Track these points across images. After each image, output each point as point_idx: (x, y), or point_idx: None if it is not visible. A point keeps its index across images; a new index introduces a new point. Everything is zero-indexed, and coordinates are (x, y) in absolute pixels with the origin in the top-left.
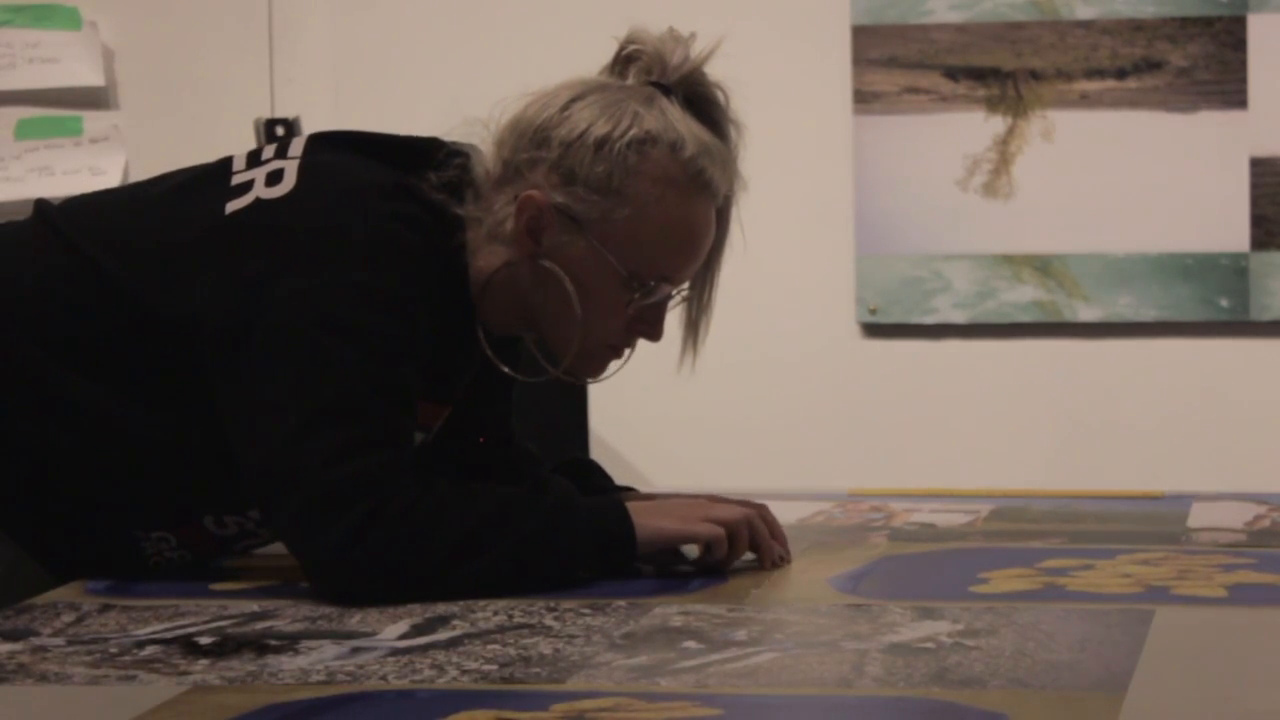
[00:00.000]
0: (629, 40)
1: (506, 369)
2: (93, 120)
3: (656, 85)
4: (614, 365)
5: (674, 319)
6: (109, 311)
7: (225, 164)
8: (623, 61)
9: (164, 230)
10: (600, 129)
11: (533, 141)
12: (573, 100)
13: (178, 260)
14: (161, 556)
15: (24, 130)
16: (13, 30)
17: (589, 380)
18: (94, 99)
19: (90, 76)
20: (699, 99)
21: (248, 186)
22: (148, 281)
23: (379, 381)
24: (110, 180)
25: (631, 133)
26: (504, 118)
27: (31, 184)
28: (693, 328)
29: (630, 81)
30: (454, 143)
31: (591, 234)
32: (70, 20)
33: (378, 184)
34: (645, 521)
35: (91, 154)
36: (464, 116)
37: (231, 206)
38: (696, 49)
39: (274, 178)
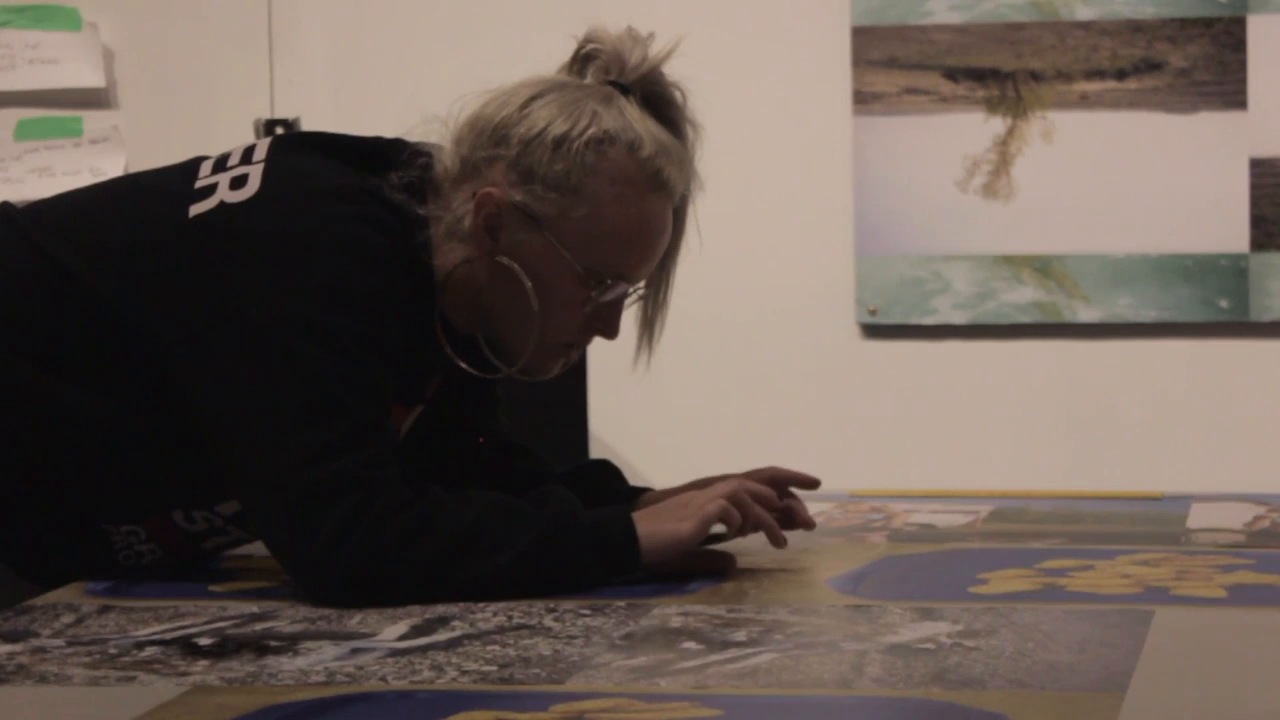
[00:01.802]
0: (588, 39)
1: (463, 364)
2: (93, 121)
3: (615, 84)
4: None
5: (634, 317)
6: (73, 311)
7: (192, 166)
8: (581, 60)
9: (127, 230)
10: (559, 127)
11: (491, 139)
12: (532, 98)
13: (141, 261)
14: (131, 550)
15: (24, 131)
16: (13, 31)
17: (543, 378)
18: (94, 100)
19: (90, 77)
20: (657, 98)
21: (212, 190)
22: (111, 281)
23: (352, 380)
24: None
25: (590, 132)
26: (463, 115)
27: (32, 185)
28: (648, 325)
29: (589, 80)
30: (418, 143)
31: (549, 232)
32: (70, 21)
33: (341, 187)
34: (653, 529)
35: (92, 155)
36: (423, 114)
37: (195, 210)
38: (655, 49)
39: (238, 182)
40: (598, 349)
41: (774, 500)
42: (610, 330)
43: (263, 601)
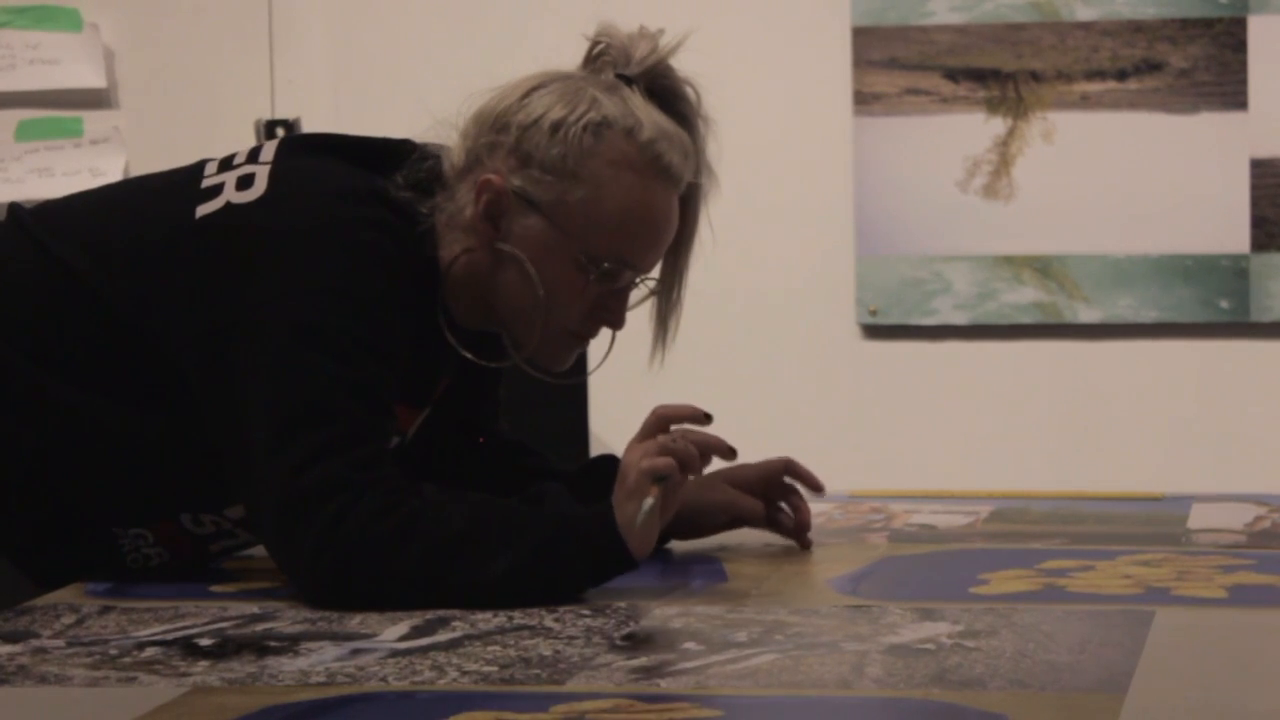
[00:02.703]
0: (598, 37)
1: (468, 354)
2: (93, 121)
3: (621, 77)
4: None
5: (645, 316)
6: (80, 312)
7: (198, 167)
8: (594, 60)
9: (134, 232)
10: (557, 113)
11: (492, 128)
12: (534, 89)
13: (148, 262)
14: (139, 554)
15: (25, 131)
16: (13, 31)
17: (554, 369)
18: (95, 100)
19: (91, 78)
20: (664, 91)
21: (218, 190)
22: (118, 283)
23: (349, 384)
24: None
25: (588, 116)
26: (469, 111)
27: (32, 185)
28: (662, 324)
29: (596, 75)
30: (428, 144)
31: (548, 216)
32: (71, 22)
33: (348, 188)
34: (623, 522)
35: (92, 155)
36: (435, 118)
37: (202, 210)
38: (663, 43)
39: (244, 182)
40: (599, 349)
41: (696, 416)
42: (615, 320)
43: (263, 602)
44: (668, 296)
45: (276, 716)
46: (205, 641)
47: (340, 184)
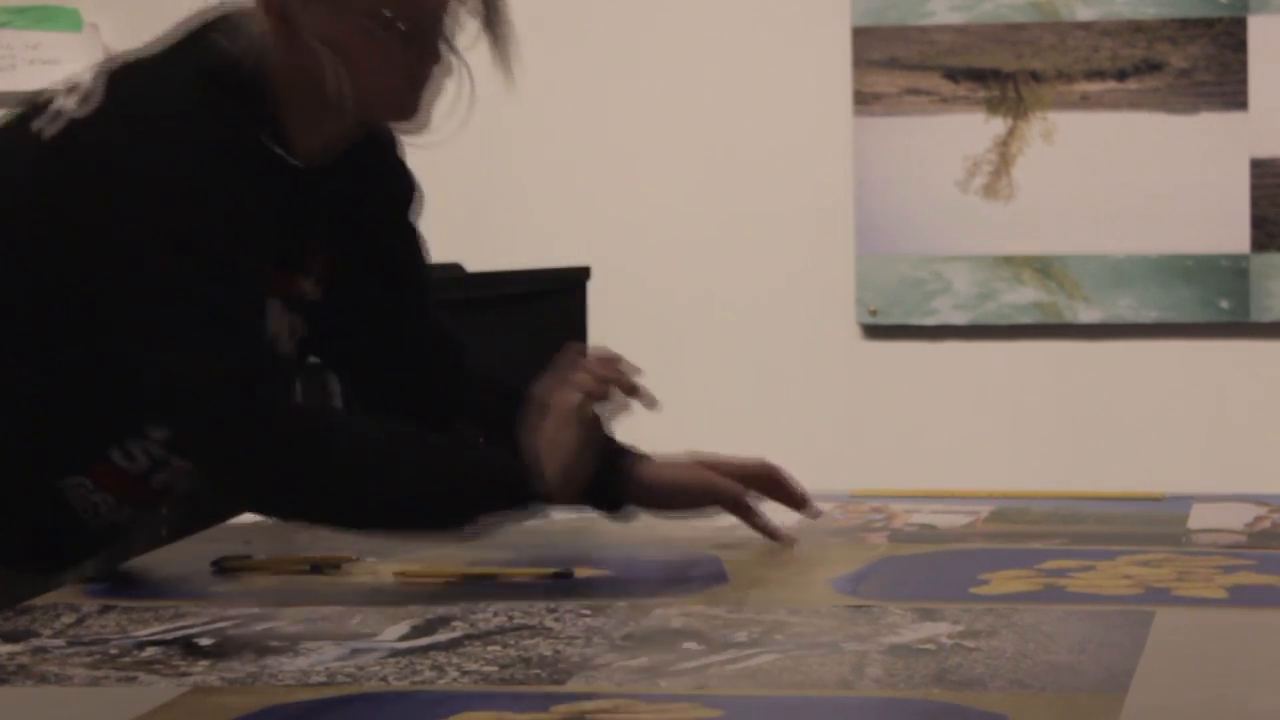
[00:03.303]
0: None
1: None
2: None
3: None
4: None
5: None
6: None
7: (37, 92)
8: None
9: None
10: None
11: None
12: None
13: (11, 198)
14: (88, 503)
15: None
16: (13, 32)
17: (410, 119)
18: None
19: None
20: None
21: (54, 105)
22: None
23: (228, 282)
24: None
25: None
26: None
27: None
28: (497, 48)
29: None
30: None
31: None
32: (71, 22)
33: (177, 79)
34: (546, 457)
35: None
36: None
37: (45, 129)
38: None
39: (80, 95)
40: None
41: (611, 367)
42: (436, 58)
43: (263, 601)
44: (492, 27)
45: (276, 716)
46: (205, 641)
47: (170, 78)
